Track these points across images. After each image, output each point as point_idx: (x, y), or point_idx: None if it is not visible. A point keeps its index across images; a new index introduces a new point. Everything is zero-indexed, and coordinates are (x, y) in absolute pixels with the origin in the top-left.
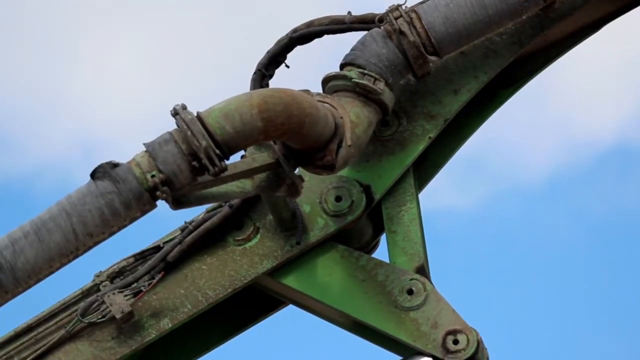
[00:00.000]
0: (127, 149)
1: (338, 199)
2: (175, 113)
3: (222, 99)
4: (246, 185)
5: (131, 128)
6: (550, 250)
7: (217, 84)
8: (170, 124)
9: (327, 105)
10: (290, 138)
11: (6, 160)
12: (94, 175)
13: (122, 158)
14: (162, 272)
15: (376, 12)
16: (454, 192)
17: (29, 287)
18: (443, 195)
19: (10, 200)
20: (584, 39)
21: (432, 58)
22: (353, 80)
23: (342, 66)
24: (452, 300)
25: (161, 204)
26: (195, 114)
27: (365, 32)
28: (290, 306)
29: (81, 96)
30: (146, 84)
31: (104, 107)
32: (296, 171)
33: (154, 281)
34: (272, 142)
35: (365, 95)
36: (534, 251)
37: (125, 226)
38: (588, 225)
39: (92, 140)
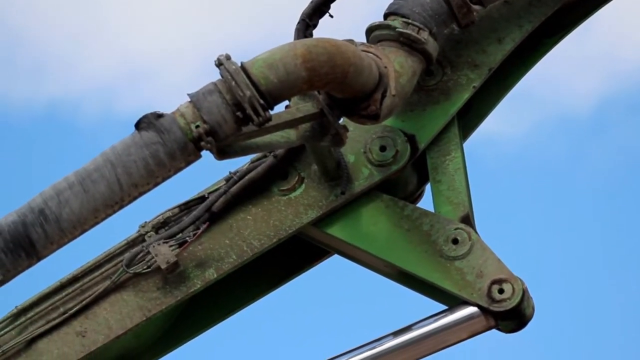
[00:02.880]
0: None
1: (382, 148)
2: (219, 63)
3: (266, 49)
4: (290, 135)
5: (175, 58)
6: (597, 184)
7: (260, 34)
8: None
9: (371, 55)
10: (334, 88)
11: (53, 84)
12: (138, 125)
13: (164, 88)
14: (207, 223)
15: None
16: (499, 120)
17: (74, 237)
18: (488, 122)
19: (57, 122)
20: None
21: (476, 7)
22: (397, 29)
23: (385, 16)
24: (492, 239)
25: (206, 155)
26: (239, 64)
27: None
28: (335, 256)
29: (129, 24)
30: (193, 15)
31: (150, 36)
32: (340, 121)
33: (199, 231)
34: (316, 92)
35: (409, 44)
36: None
37: (169, 176)
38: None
39: (136, 68)
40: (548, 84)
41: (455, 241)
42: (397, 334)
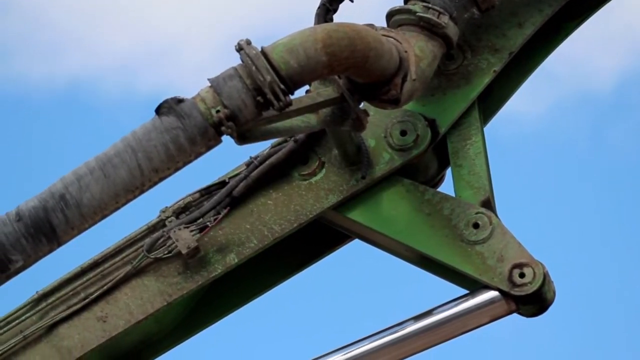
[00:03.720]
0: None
1: (403, 133)
2: (239, 48)
3: (286, 34)
4: (311, 119)
5: (195, 37)
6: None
7: (281, 15)
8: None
9: (392, 39)
10: (354, 72)
11: (73, 63)
12: (158, 110)
13: (185, 66)
14: (228, 207)
15: None
16: (518, 99)
17: (95, 222)
18: (509, 100)
19: (76, 101)
20: None
21: None
22: (417, 14)
23: (406, 0)
24: (512, 220)
25: (226, 139)
26: (259, 49)
27: None
28: (356, 240)
29: (149, 1)
30: None
31: (170, 14)
32: (361, 105)
33: (220, 216)
34: (336, 77)
35: (429, 29)
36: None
37: (190, 161)
38: None
39: (156, 46)
40: (568, 61)
41: (476, 225)
42: (418, 318)
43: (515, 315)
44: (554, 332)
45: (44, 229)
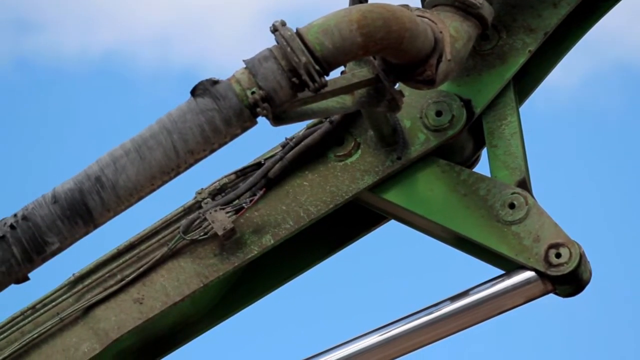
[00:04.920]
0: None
1: (438, 113)
2: (274, 29)
3: (321, 15)
4: (346, 101)
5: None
6: None
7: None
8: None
9: (427, 20)
10: (389, 53)
11: (107, 34)
12: (194, 92)
13: (218, 39)
14: (264, 189)
15: None
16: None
17: (131, 204)
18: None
19: (111, 73)
20: None
21: None
22: None
23: None
24: (546, 197)
25: (261, 121)
26: (294, 30)
27: None
28: (392, 221)
29: None
30: None
31: None
32: (396, 86)
33: (256, 198)
34: (371, 58)
35: (464, 9)
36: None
37: (225, 143)
38: None
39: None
40: (604, 31)
41: (512, 206)
42: (454, 299)
43: (551, 295)
44: (590, 312)
45: (80, 211)
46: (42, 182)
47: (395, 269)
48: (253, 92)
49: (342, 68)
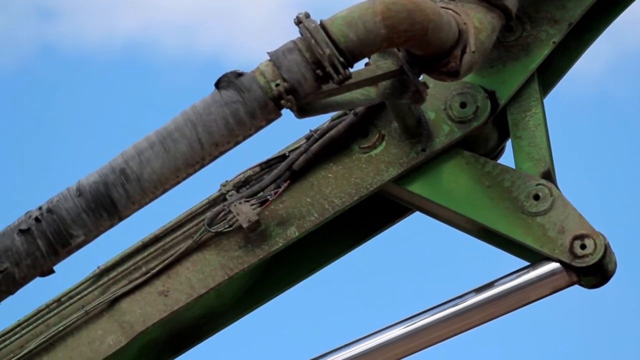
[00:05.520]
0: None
1: (463, 105)
2: (298, 22)
3: (344, 7)
4: (370, 92)
5: None
6: None
7: None
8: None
9: (450, 11)
10: (413, 45)
11: (130, 23)
12: (218, 84)
13: (242, 27)
14: (288, 181)
15: None
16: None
17: (156, 197)
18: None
19: (134, 62)
20: None
21: None
22: None
23: None
24: (570, 188)
25: (286, 113)
26: (318, 22)
27: None
28: (416, 213)
29: None
30: None
31: None
32: (420, 78)
33: (280, 190)
34: (395, 49)
35: (488, 0)
36: None
37: (250, 135)
38: None
39: (213, 6)
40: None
41: (536, 197)
42: (479, 290)
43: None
44: (615, 303)
45: (105, 204)
46: (66, 171)
47: (420, 261)
48: (277, 84)
49: (366, 60)
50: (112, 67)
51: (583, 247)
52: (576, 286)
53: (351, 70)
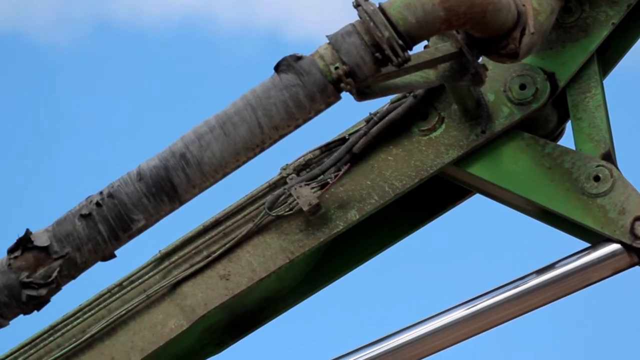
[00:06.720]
0: None
1: (522, 86)
2: (357, 4)
3: None
4: (430, 75)
5: None
6: None
7: None
8: None
9: None
10: (472, 27)
11: None
12: (277, 68)
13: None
14: (348, 164)
15: None
16: None
17: (216, 181)
18: None
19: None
20: None
21: None
22: None
23: None
24: (633, 172)
25: (345, 96)
26: (377, 5)
27: None
28: (477, 195)
29: None
30: None
31: None
32: (479, 60)
33: (341, 173)
34: (454, 32)
35: None
36: None
37: (310, 119)
38: None
39: None
40: None
41: (597, 178)
42: (540, 272)
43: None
44: None
45: (166, 188)
46: (124, 149)
47: (481, 243)
48: (337, 68)
49: (425, 43)
50: (169, 43)
51: None
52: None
53: (410, 52)
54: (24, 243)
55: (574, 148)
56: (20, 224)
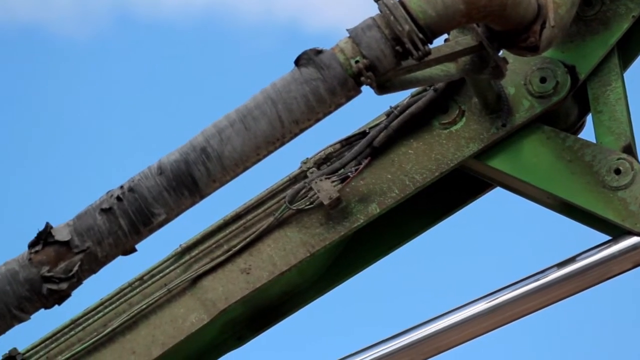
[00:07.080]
0: None
1: (543, 80)
2: None
3: None
4: (450, 68)
5: None
6: None
7: None
8: None
9: None
10: (493, 20)
11: None
12: (298, 62)
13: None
14: (369, 158)
15: None
16: None
17: (237, 175)
18: None
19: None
20: None
21: None
22: None
23: None
24: None
25: (366, 90)
26: None
27: None
28: (498, 188)
29: None
30: None
31: None
32: (500, 53)
33: (361, 166)
34: (474, 25)
35: None
36: None
37: (330, 112)
38: None
39: None
40: None
41: (617, 171)
42: (561, 265)
43: None
44: None
45: (186, 182)
46: (145, 141)
47: (501, 236)
48: (357, 61)
49: (445, 36)
50: (190, 33)
51: None
52: None
53: (430, 46)
54: (45, 237)
55: (594, 141)
56: (39, 218)
